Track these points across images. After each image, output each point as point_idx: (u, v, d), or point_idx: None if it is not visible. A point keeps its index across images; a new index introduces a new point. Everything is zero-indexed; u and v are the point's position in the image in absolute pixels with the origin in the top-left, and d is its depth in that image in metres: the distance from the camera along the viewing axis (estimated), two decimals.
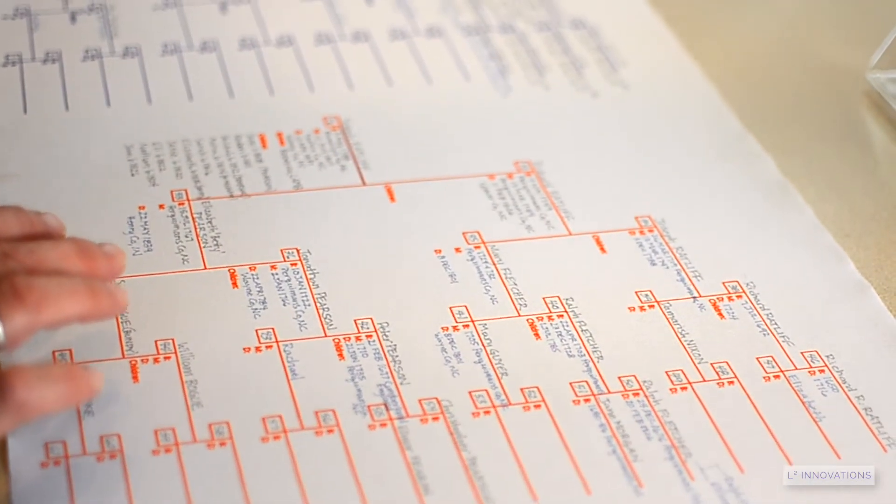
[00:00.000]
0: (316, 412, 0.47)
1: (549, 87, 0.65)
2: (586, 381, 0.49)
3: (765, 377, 0.50)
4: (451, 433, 0.47)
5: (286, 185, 0.57)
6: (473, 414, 0.47)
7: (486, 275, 0.53)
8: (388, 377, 0.48)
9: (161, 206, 0.55)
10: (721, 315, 0.53)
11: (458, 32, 0.67)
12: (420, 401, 0.48)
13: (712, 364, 0.50)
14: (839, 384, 0.50)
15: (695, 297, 0.53)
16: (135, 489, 0.44)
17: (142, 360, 0.48)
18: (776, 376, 0.50)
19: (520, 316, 0.52)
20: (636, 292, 0.53)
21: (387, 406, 0.47)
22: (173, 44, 0.64)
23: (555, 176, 0.59)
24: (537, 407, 0.48)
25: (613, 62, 0.66)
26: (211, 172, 0.57)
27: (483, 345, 0.50)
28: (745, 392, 0.49)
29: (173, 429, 0.46)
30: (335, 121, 0.61)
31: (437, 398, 0.48)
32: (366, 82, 0.64)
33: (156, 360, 0.48)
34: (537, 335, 0.51)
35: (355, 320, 0.51)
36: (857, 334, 0.52)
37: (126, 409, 0.46)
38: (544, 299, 0.52)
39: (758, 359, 0.51)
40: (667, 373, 0.50)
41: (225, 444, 0.46)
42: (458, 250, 0.54)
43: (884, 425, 0.49)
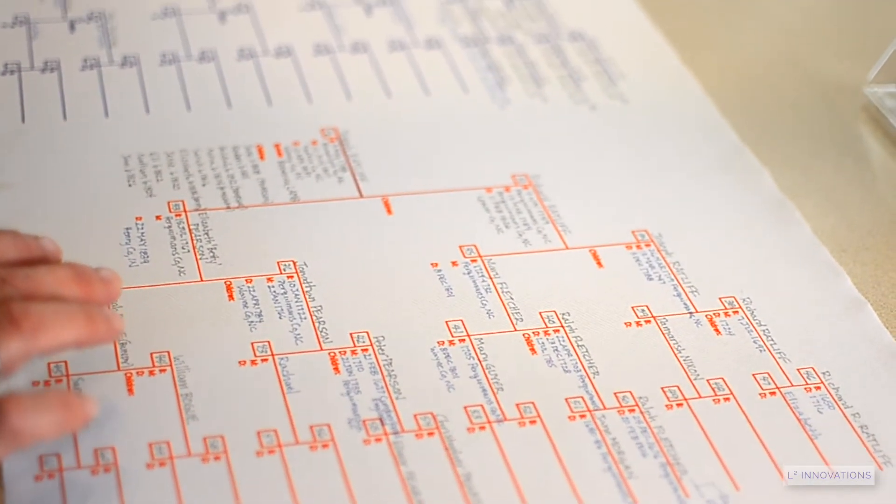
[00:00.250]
0: (311, 426, 0.47)
1: (548, 99, 0.65)
2: (582, 397, 0.49)
3: (761, 394, 0.50)
4: (447, 448, 0.47)
5: (283, 196, 0.57)
6: (469, 429, 0.47)
7: (482, 289, 0.53)
8: (384, 391, 0.48)
9: (158, 217, 0.55)
10: (717, 331, 0.52)
11: (457, 44, 0.67)
12: (415, 415, 0.48)
13: (708, 380, 0.50)
14: (835, 401, 0.50)
15: (691, 313, 0.53)
16: (129, 503, 0.44)
17: (137, 373, 0.48)
18: (772, 393, 0.50)
19: (516, 330, 0.51)
20: (633, 307, 0.53)
21: (382, 421, 0.47)
22: (172, 53, 0.64)
23: (552, 189, 0.59)
24: (532, 423, 0.48)
25: (612, 75, 0.66)
26: (208, 183, 0.57)
27: (479, 359, 0.50)
28: (741, 409, 0.49)
29: (168, 442, 0.46)
30: (333, 132, 0.61)
31: (432, 413, 0.48)
32: (364, 94, 0.64)
33: (151, 373, 0.48)
34: (533, 350, 0.51)
35: (351, 334, 0.50)
36: (853, 351, 0.52)
37: (121, 421, 0.46)
38: (540, 314, 0.52)
39: (754, 375, 0.51)
40: (663, 389, 0.50)
41: (220, 458, 0.45)
42: (454, 264, 0.54)
43: (879, 443, 0.49)
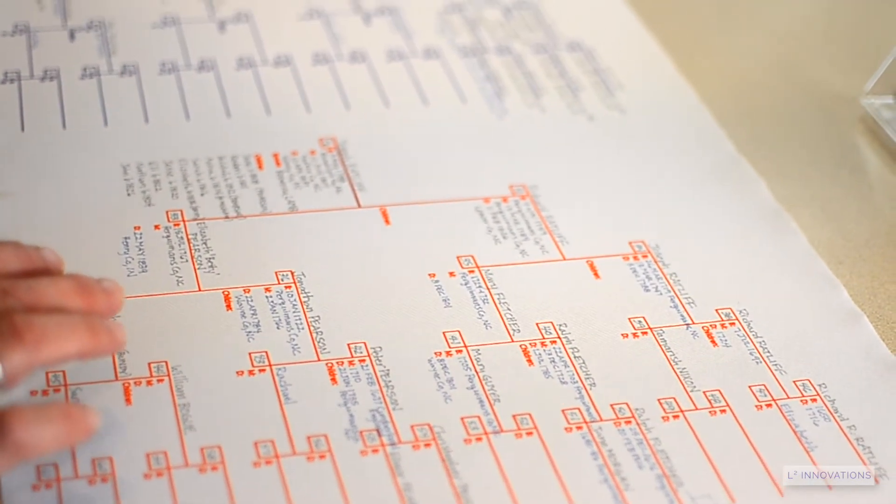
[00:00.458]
0: (308, 437, 0.47)
1: (546, 109, 0.65)
2: (578, 409, 0.49)
3: (757, 406, 0.50)
4: (443, 460, 0.47)
5: (281, 206, 0.57)
6: (465, 440, 0.48)
7: (479, 299, 0.53)
8: (381, 402, 0.49)
9: (157, 227, 0.55)
10: (714, 342, 0.53)
11: (455, 54, 0.68)
12: (412, 427, 0.48)
13: (705, 392, 0.50)
14: (831, 413, 0.50)
15: (688, 325, 0.53)
16: None
17: (135, 383, 0.48)
18: (768, 405, 0.50)
19: (513, 342, 0.52)
20: (629, 319, 0.53)
21: (379, 432, 0.47)
22: (171, 62, 0.65)
23: (549, 200, 0.59)
24: (529, 434, 0.48)
25: (609, 85, 0.67)
26: (207, 193, 0.57)
27: (476, 370, 0.50)
28: (737, 421, 0.49)
29: (165, 452, 0.46)
30: (331, 142, 0.61)
31: (429, 424, 0.48)
32: (362, 103, 0.64)
33: (149, 383, 0.48)
34: (530, 361, 0.51)
35: (348, 344, 0.51)
36: (849, 363, 0.52)
37: (118, 432, 0.46)
38: (537, 325, 0.52)
39: (750, 387, 0.51)
40: (659, 401, 0.50)
41: (217, 468, 0.46)
42: (452, 274, 0.54)
43: (875, 455, 0.49)
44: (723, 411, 0.50)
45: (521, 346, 0.51)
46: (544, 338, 0.52)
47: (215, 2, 0.69)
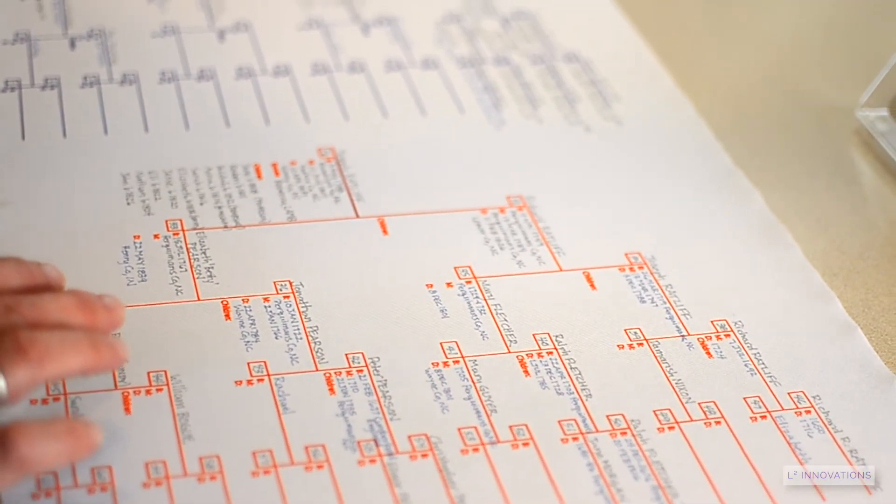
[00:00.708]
0: (306, 447, 0.47)
1: (543, 120, 0.65)
2: (575, 420, 0.50)
3: (751, 417, 0.51)
4: (440, 470, 0.47)
5: (280, 216, 0.57)
6: (462, 451, 0.48)
7: (476, 310, 0.54)
8: (378, 413, 0.49)
9: (156, 236, 0.55)
10: (709, 354, 0.53)
11: (453, 64, 0.68)
12: (409, 437, 0.48)
13: (700, 403, 0.51)
14: (825, 425, 0.50)
15: (683, 336, 0.54)
16: None
17: (134, 392, 0.48)
18: (763, 416, 0.51)
19: (509, 352, 0.52)
20: (625, 330, 0.54)
21: (376, 442, 0.48)
22: (171, 71, 0.65)
23: (546, 211, 0.59)
24: (525, 445, 0.48)
25: (606, 97, 0.67)
26: (206, 202, 0.57)
27: (473, 381, 0.51)
28: (732, 432, 0.50)
29: (164, 462, 0.46)
30: (330, 152, 0.61)
31: (426, 434, 0.48)
32: (361, 113, 0.64)
33: (148, 392, 0.49)
34: (527, 372, 0.51)
35: (346, 354, 0.51)
36: (843, 376, 0.53)
37: (118, 441, 0.47)
38: (534, 336, 0.53)
39: (745, 399, 0.51)
40: (654, 412, 0.50)
41: (215, 477, 0.46)
42: (449, 285, 0.55)
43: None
44: (718, 423, 0.50)
45: (517, 356, 0.52)
46: (541, 349, 0.52)
47: (215, 11, 0.70)
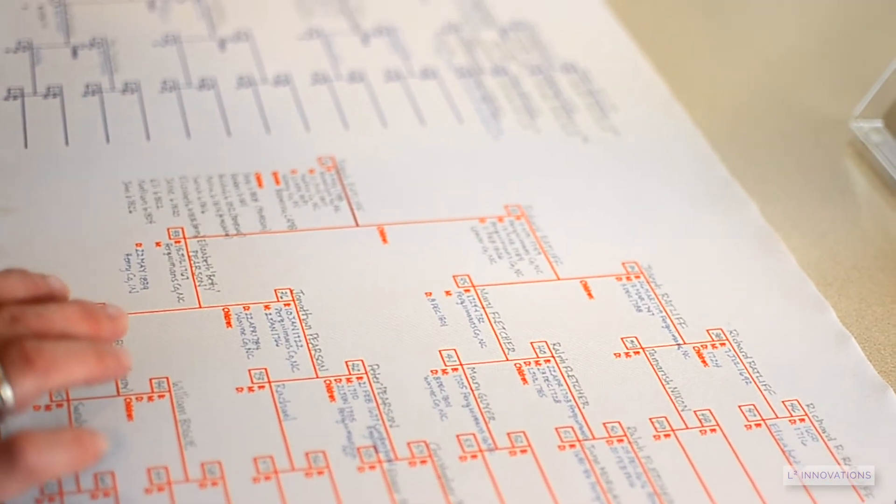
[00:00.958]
0: (307, 453, 0.48)
1: (541, 130, 0.66)
2: (572, 427, 0.50)
3: (746, 425, 0.51)
4: (439, 476, 0.48)
5: (281, 224, 0.58)
6: (461, 458, 0.48)
7: (475, 318, 0.54)
8: (378, 419, 0.49)
9: (158, 244, 0.56)
10: (705, 362, 0.54)
11: (452, 74, 0.69)
12: (409, 444, 0.49)
13: (695, 411, 0.51)
14: (819, 433, 0.51)
15: (679, 345, 0.54)
16: None
17: (136, 399, 0.49)
18: (758, 424, 0.51)
19: (508, 360, 0.53)
20: (622, 338, 0.54)
21: (376, 448, 0.48)
22: (172, 80, 0.66)
23: (544, 220, 0.60)
24: (523, 452, 0.49)
25: (604, 107, 0.68)
26: (207, 211, 0.58)
27: (471, 388, 0.51)
28: (727, 440, 0.50)
29: (166, 467, 0.47)
30: (330, 161, 0.62)
31: (425, 441, 0.49)
32: (361, 123, 0.65)
33: (150, 399, 0.49)
34: (524, 380, 0.52)
35: (346, 362, 0.52)
36: (837, 384, 0.53)
37: (120, 447, 0.47)
38: (532, 344, 0.53)
39: (740, 407, 0.52)
40: (651, 419, 0.51)
41: (217, 483, 0.46)
42: (448, 293, 0.55)
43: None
44: (713, 430, 0.51)
45: (515, 364, 0.52)
46: (538, 357, 0.53)
47: (216, 20, 0.70)
